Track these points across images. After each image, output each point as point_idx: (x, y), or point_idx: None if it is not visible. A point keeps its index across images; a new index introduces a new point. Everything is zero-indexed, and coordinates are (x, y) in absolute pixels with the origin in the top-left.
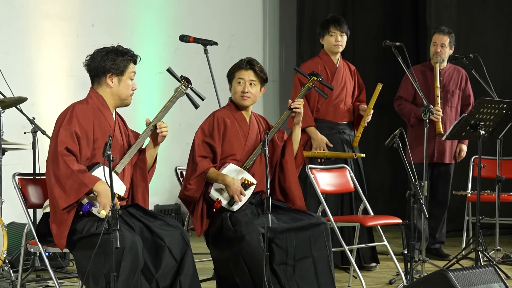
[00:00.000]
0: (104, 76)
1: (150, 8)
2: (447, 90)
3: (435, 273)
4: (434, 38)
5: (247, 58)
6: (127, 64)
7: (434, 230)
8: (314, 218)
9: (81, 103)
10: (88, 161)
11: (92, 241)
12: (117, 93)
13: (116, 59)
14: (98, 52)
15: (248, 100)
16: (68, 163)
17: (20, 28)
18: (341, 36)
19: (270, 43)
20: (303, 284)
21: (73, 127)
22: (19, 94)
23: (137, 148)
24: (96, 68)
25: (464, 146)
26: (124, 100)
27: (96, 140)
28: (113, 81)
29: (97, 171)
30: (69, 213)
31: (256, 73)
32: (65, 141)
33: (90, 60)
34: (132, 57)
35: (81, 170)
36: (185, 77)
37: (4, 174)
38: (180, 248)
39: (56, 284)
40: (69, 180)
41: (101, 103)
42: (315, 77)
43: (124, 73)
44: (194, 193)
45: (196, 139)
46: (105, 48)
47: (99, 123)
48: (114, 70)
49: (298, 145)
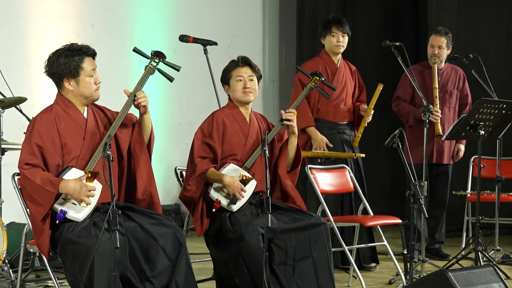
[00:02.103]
0: (61, 81)
1: (150, 8)
2: (445, 90)
3: (435, 273)
4: (431, 40)
5: (240, 56)
6: (79, 63)
7: (434, 230)
8: (314, 218)
9: (44, 112)
10: (59, 168)
11: (67, 249)
12: (79, 94)
13: (67, 62)
14: (52, 57)
15: (251, 95)
16: (30, 176)
17: (20, 28)
18: (343, 36)
19: (270, 43)
20: (303, 284)
21: (33, 139)
22: (19, 94)
23: (115, 127)
24: (53, 74)
25: (462, 146)
26: (90, 97)
27: (64, 145)
28: (71, 84)
29: (66, 176)
30: (44, 223)
31: (253, 68)
32: (23, 158)
33: (46, 66)
34: (85, 53)
35: (44, 179)
36: (156, 52)
37: (4, 174)
38: (174, 248)
39: (55, 284)
40: (35, 192)
41: (66, 106)
42: (317, 77)
43: (80, 74)
44: (194, 194)
45: (196, 139)
46: (57, 50)
47: (65, 127)
48: (67, 74)
49: (294, 153)
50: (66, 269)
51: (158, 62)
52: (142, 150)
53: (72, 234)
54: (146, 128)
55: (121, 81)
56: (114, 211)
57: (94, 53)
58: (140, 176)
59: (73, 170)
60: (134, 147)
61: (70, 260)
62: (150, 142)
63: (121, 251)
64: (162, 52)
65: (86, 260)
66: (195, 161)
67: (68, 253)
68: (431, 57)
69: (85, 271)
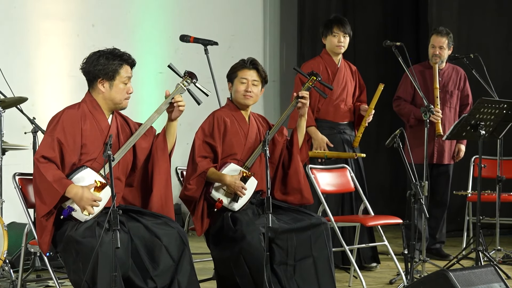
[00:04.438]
0: (95, 80)
1: (150, 8)
2: (446, 90)
3: (436, 273)
4: (432, 40)
5: (250, 58)
6: (117, 68)
7: (434, 230)
8: (315, 218)
9: (71, 108)
10: (74, 166)
11: (71, 248)
12: (109, 98)
13: (107, 64)
14: (92, 56)
15: (250, 100)
16: (43, 170)
17: (20, 28)
18: (344, 37)
19: (270, 43)
20: (304, 284)
21: (56, 133)
22: (19, 94)
23: (146, 127)
24: (89, 73)
25: (462, 146)
26: (118, 105)
27: (84, 145)
28: (104, 86)
29: (80, 174)
30: (47, 220)
31: (260, 73)
32: (41, 150)
33: (84, 63)
34: (126, 60)
35: (55, 177)
36: (189, 72)
37: (4, 174)
38: (177, 247)
39: (56, 284)
40: (43, 188)
41: (93, 107)
42: (315, 77)
43: (115, 78)
44: (194, 193)
45: (196, 139)
46: (99, 51)
47: (89, 128)
48: (104, 75)
49: (303, 137)
50: (69, 268)
51: (189, 83)
52: (164, 157)
53: (76, 233)
54: (171, 136)
55: None
56: (115, 211)
57: (134, 63)
58: (158, 183)
59: (88, 170)
60: (156, 154)
61: (73, 259)
62: (171, 151)
63: (123, 251)
64: (194, 73)
65: (90, 259)
66: (196, 160)
67: (71, 252)
68: (432, 57)
69: (87, 270)
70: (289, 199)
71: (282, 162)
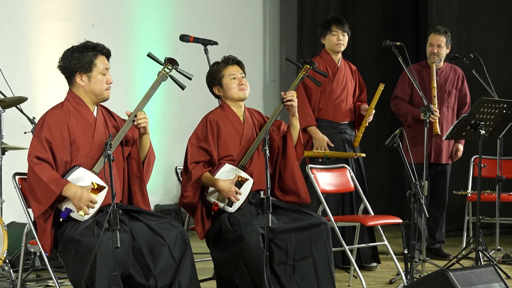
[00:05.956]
0: (73, 76)
1: (150, 8)
2: (444, 90)
3: (436, 273)
4: (430, 39)
5: (227, 56)
6: (93, 59)
7: (434, 230)
8: (314, 218)
9: (55, 108)
10: (67, 164)
11: (70, 247)
12: (90, 91)
13: (81, 57)
14: (66, 52)
15: (246, 91)
16: (38, 171)
17: (20, 28)
18: (343, 35)
19: (270, 43)
20: (303, 284)
21: (43, 134)
22: (19, 94)
23: (117, 141)
24: (66, 69)
25: (460, 146)
26: (100, 96)
27: (73, 142)
28: (83, 80)
29: (74, 174)
30: (46, 221)
31: (242, 66)
32: (33, 151)
33: (60, 61)
34: (100, 51)
35: (51, 177)
36: (169, 59)
37: (4, 174)
38: (179, 247)
39: (56, 284)
40: (38, 188)
41: (77, 103)
42: (308, 65)
43: (92, 69)
44: (192, 199)
45: (189, 145)
46: (72, 46)
47: (75, 124)
48: (80, 68)
49: (297, 135)
50: (68, 267)
51: (171, 69)
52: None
53: (75, 233)
54: (143, 148)
55: (121, 80)
56: (115, 211)
57: (108, 53)
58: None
59: (80, 169)
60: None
61: (72, 258)
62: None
63: (123, 250)
64: (175, 59)
65: (88, 259)
66: (189, 168)
67: (71, 252)
68: (430, 55)
69: (86, 269)
70: (287, 198)
71: (279, 162)
